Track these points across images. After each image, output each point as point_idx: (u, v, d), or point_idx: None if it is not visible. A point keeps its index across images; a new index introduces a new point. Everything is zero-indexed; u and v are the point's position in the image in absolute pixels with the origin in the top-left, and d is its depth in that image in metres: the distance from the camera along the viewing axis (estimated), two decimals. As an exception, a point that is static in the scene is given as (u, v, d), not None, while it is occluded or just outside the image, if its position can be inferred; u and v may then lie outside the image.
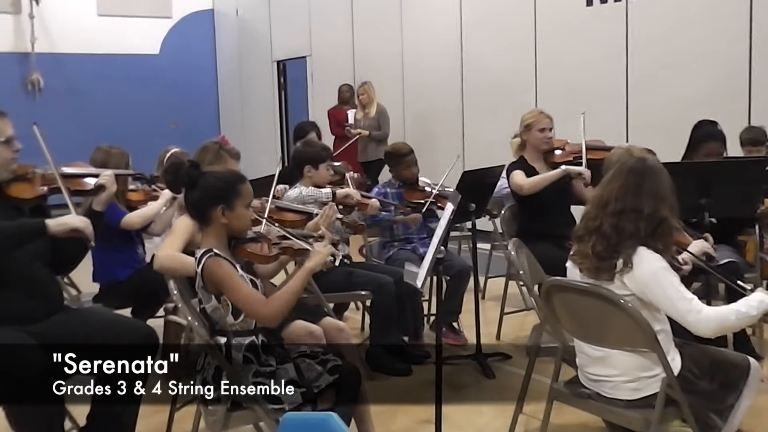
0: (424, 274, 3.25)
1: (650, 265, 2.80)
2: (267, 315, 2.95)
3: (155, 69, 13.56)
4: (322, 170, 4.76)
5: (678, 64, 7.21)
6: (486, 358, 4.72)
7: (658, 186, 2.89)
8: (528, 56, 8.57)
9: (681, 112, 6.79)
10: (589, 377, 3.04)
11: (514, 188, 4.95)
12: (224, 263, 2.93)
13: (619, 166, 2.98)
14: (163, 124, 13.37)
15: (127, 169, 4.60)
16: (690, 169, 4.49)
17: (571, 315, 3.07)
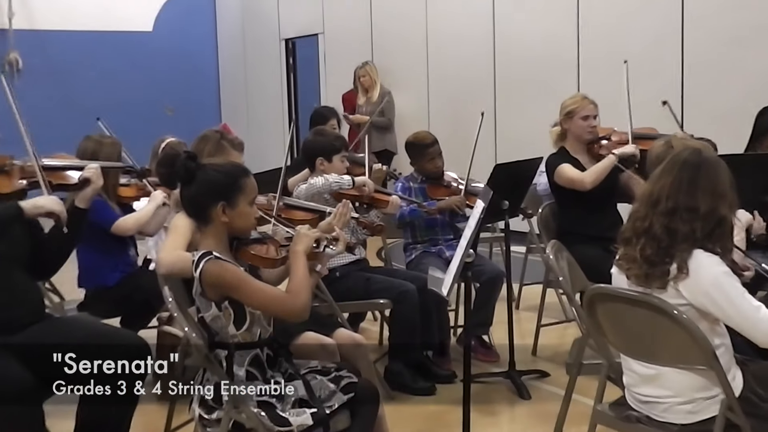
0: (450, 280, 3.25)
1: (710, 270, 2.78)
2: (299, 307, 2.96)
3: (148, 48, 13.63)
4: (336, 162, 4.77)
5: (741, 41, 7.16)
6: (521, 376, 4.72)
7: (716, 181, 2.87)
8: (569, 33, 8.54)
9: (744, 97, 6.74)
10: (638, 398, 3.03)
11: (568, 184, 4.93)
12: (228, 266, 2.95)
13: (671, 158, 2.96)
14: (157, 111, 13.44)
15: (119, 161, 4.63)
16: (753, 161, 4.47)
17: (618, 327, 3.06)
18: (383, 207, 4.88)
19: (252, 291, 2.95)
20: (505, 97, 9.37)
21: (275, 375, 3.05)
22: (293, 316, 3.00)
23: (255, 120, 13.35)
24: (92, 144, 4.58)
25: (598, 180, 4.84)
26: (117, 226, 4.49)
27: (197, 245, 3.08)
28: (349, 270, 4.68)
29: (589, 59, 8.39)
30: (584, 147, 5.07)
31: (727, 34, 7.26)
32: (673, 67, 7.62)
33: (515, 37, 9.14)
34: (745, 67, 7.14)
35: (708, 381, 2.85)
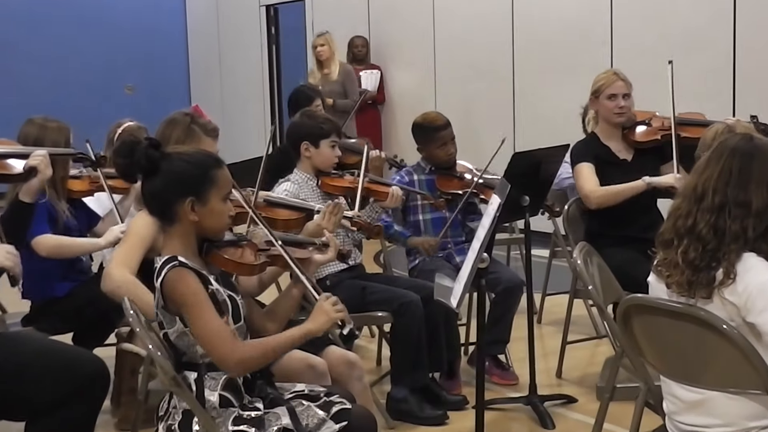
0: (461, 290, 3.26)
1: (759, 275, 2.79)
2: (229, 362, 2.95)
3: (104, 14, 13.64)
4: (324, 149, 4.77)
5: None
6: (543, 402, 4.73)
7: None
8: (602, 4, 8.55)
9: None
10: (680, 427, 3.04)
11: (579, 191, 4.96)
12: (189, 277, 2.94)
13: (717, 147, 2.96)
14: (116, 89, 13.47)
15: (67, 147, 4.63)
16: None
17: (658, 345, 3.07)
18: (382, 200, 4.88)
19: (199, 317, 2.92)
20: (525, 74, 9.38)
21: (254, 400, 3.06)
22: (223, 365, 2.97)
23: (231, 101, 13.36)
24: (35, 129, 4.56)
25: (609, 203, 4.87)
26: (37, 242, 4.38)
27: (162, 248, 3.08)
28: (342, 278, 4.69)
29: (624, 35, 8.39)
30: (618, 133, 5.08)
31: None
32: (724, 42, 7.61)
33: (537, 6, 9.15)
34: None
35: (763, 407, 2.85)
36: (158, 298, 2.98)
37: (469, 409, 4.67)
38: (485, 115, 9.57)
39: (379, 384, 4.96)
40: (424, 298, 4.58)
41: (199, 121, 4.11)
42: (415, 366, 4.68)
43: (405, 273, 5.45)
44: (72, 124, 4.77)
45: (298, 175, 4.76)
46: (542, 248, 6.52)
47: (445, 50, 10.24)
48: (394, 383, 4.73)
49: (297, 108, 6.18)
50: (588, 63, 8.06)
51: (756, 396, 2.84)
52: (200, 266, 3.02)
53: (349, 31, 10.87)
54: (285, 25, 12.91)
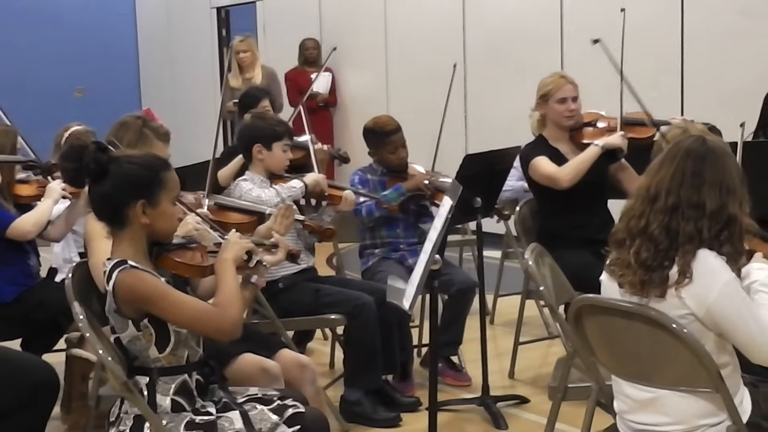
0: (413, 291, 3.25)
1: (719, 277, 2.81)
2: (228, 323, 2.96)
3: (53, 16, 13.49)
4: (276, 151, 4.75)
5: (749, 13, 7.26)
6: (496, 403, 4.75)
7: (724, 173, 2.89)
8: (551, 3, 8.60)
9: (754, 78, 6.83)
10: (632, 426, 3.06)
11: (543, 181, 4.96)
12: (145, 276, 2.93)
13: (671, 148, 2.98)
14: (64, 93, 13.32)
15: (14, 153, 4.58)
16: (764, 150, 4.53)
17: (609, 345, 3.08)
18: (336, 203, 4.87)
19: (173, 304, 2.93)
20: (476, 77, 9.41)
21: (207, 405, 3.04)
22: (222, 334, 3.00)
23: (182, 104, 13.28)
24: None
25: (578, 176, 4.85)
26: (14, 228, 4.42)
27: (111, 252, 3.05)
28: (295, 280, 4.67)
29: (574, 34, 8.44)
30: (565, 135, 5.10)
31: (733, 4, 7.35)
32: (672, 43, 7.70)
33: (488, 8, 9.18)
34: (753, 42, 7.23)
35: (713, 405, 2.88)
36: (110, 302, 2.96)
37: (422, 411, 4.67)
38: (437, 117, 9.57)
39: (333, 387, 4.94)
40: (377, 300, 4.58)
41: (151, 124, 4.08)
42: (368, 368, 4.67)
43: (358, 275, 5.44)
44: (21, 128, 4.72)
45: (250, 176, 4.74)
46: (494, 249, 6.55)
47: (397, 52, 10.25)
48: (347, 385, 4.73)
49: (245, 109, 6.16)
50: (538, 65, 8.07)
51: (706, 394, 2.87)
52: (150, 270, 2.99)
53: (301, 33, 10.84)
54: (236, 27, 12.85)
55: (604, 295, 3.06)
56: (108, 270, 2.95)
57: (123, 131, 3.98)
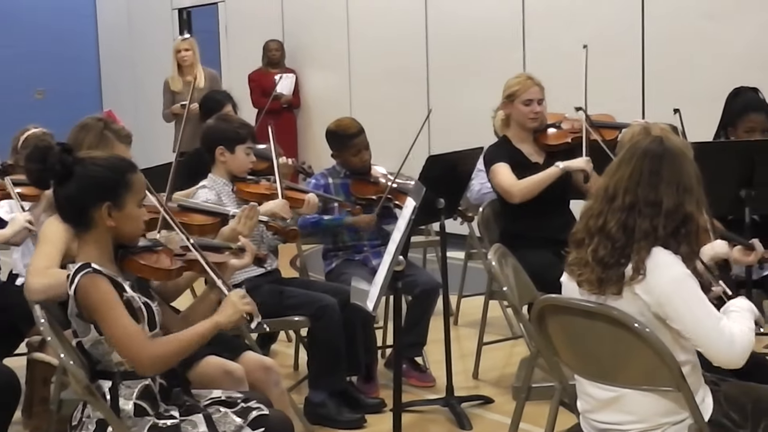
0: (377, 293, 3.26)
1: (671, 270, 2.84)
2: (142, 360, 2.91)
3: (13, 17, 13.36)
4: (239, 154, 4.73)
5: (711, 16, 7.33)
6: (460, 403, 4.76)
7: (681, 173, 2.93)
8: (514, 6, 8.63)
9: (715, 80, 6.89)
10: (595, 425, 3.08)
11: (499, 192, 4.99)
12: (102, 283, 2.91)
13: (629, 148, 3.01)
14: (24, 94, 13.19)
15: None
16: (725, 150, 4.57)
17: (572, 344, 3.10)
18: (298, 207, 4.87)
19: (110, 318, 2.89)
20: (440, 78, 9.43)
21: (170, 409, 3.02)
22: (135, 366, 2.94)
23: (144, 106, 13.17)
24: None
25: (531, 194, 4.86)
26: None
27: (75, 255, 3.04)
28: (259, 282, 4.65)
29: (536, 36, 8.49)
30: (529, 136, 5.12)
31: (694, 7, 7.42)
32: (634, 46, 7.75)
33: (451, 10, 9.20)
34: (714, 44, 7.30)
35: (675, 404, 2.90)
36: (72, 306, 2.95)
37: (386, 412, 4.67)
38: (400, 118, 9.59)
39: (297, 388, 4.94)
40: (341, 301, 4.58)
41: (113, 126, 4.05)
42: (332, 370, 4.67)
43: (322, 277, 5.44)
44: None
45: (212, 179, 4.72)
46: (458, 250, 6.57)
47: (360, 54, 10.25)
48: (311, 387, 4.72)
49: (207, 114, 6.11)
50: (501, 65, 8.13)
51: (668, 393, 2.89)
52: (115, 273, 2.99)
53: (264, 34, 10.82)
54: (198, 29, 12.78)
55: (564, 295, 3.08)
56: (71, 274, 2.93)
57: (84, 133, 3.96)
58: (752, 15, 7.10)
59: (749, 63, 6.92)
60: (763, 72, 6.62)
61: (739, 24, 7.16)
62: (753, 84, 4.97)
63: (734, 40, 7.16)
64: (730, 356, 2.83)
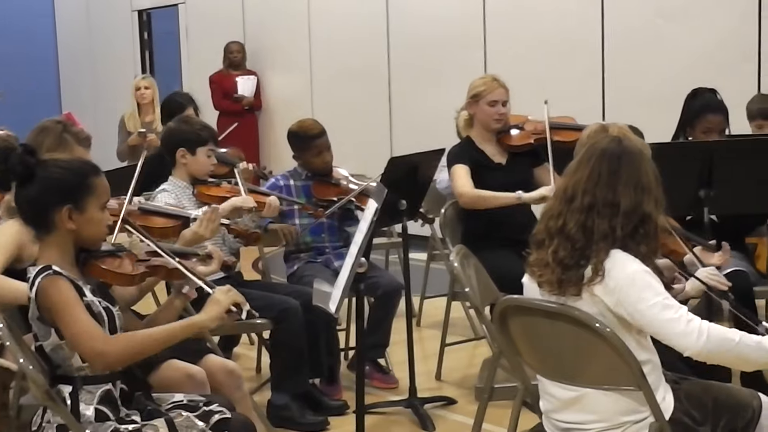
0: (339, 294, 3.26)
1: (626, 268, 2.86)
2: (102, 355, 2.88)
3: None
4: (201, 156, 4.72)
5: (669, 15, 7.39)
6: (423, 405, 4.77)
7: (640, 173, 2.95)
8: (475, 7, 8.66)
9: (674, 79, 6.96)
10: (557, 425, 3.09)
11: (453, 190, 5.02)
12: (63, 284, 2.89)
13: (587, 149, 3.03)
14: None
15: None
16: (684, 151, 4.62)
17: (534, 345, 3.12)
18: (260, 210, 4.86)
19: (70, 318, 2.87)
20: (401, 79, 9.44)
21: (131, 413, 3.01)
22: (95, 362, 2.91)
23: (103, 108, 13.07)
24: None
25: (478, 207, 4.92)
26: None
27: (36, 259, 3.02)
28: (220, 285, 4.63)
29: (498, 37, 8.52)
30: (493, 137, 5.15)
31: (653, 7, 7.48)
32: (593, 46, 7.81)
33: (412, 11, 9.22)
34: (672, 43, 7.37)
35: (636, 402, 2.92)
36: (33, 309, 2.92)
37: (350, 414, 4.68)
38: (362, 119, 9.60)
39: (260, 391, 4.93)
40: (303, 304, 4.57)
41: (72, 129, 4.03)
42: (295, 372, 4.66)
43: (284, 279, 5.43)
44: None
45: (173, 182, 4.70)
46: (420, 252, 6.58)
47: (322, 55, 10.25)
48: (274, 390, 4.71)
49: (169, 116, 6.10)
50: (462, 68, 8.16)
51: (629, 392, 2.91)
52: (76, 276, 2.97)
53: (225, 36, 10.79)
54: (158, 30, 12.74)
55: (526, 296, 3.10)
56: (32, 276, 2.91)
57: (43, 136, 3.93)
58: (711, 15, 7.17)
59: (708, 63, 6.99)
60: (722, 72, 6.71)
61: (698, 24, 7.23)
62: (712, 84, 5.02)
63: (694, 41, 7.23)
64: (690, 345, 2.81)
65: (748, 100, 5.81)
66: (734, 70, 6.91)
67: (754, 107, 5.71)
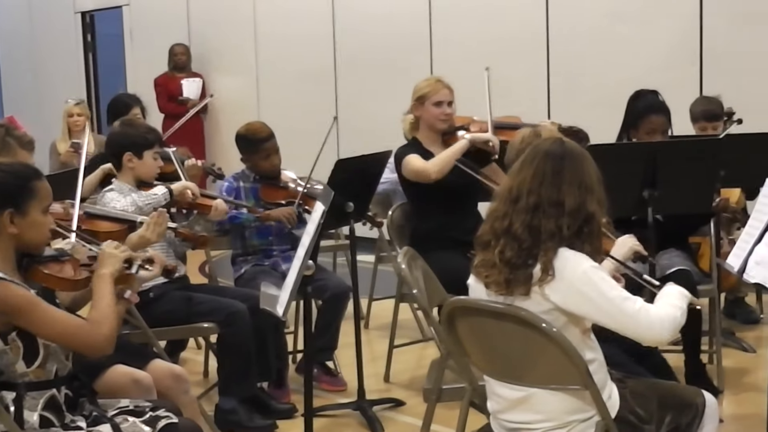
0: (287, 297, 3.25)
1: (578, 266, 2.89)
2: (101, 340, 2.91)
3: None
4: (147, 159, 4.69)
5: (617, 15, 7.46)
6: (372, 407, 4.77)
7: (583, 173, 2.98)
8: (421, 8, 8.69)
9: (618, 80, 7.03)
10: (505, 425, 3.11)
11: (415, 177, 5.02)
12: (14, 287, 2.87)
13: (530, 150, 3.06)
14: None
15: None
16: (628, 151, 4.67)
17: (482, 345, 3.13)
18: (206, 212, 4.83)
19: (44, 318, 2.88)
20: (348, 81, 9.45)
21: (76, 419, 2.99)
22: (94, 350, 2.96)
23: (46, 111, 12.92)
24: None
25: (446, 167, 4.92)
26: None
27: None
28: (167, 289, 4.60)
29: (444, 39, 8.56)
30: (439, 138, 5.17)
31: (597, 8, 7.56)
32: (539, 47, 7.87)
33: (359, 13, 9.23)
34: (618, 44, 7.44)
35: (582, 402, 2.95)
36: (-24, 315, 2.89)
37: (298, 417, 4.66)
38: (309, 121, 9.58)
39: (207, 396, 4.90)
40: (250, 307, 4.55)
41: (15, 133, 3.99)
42: (243, 376, 4.65)
43: (231, 283, 5.41)
44: None
45: (118, 186, 4.66)
46: (368, 254, 6.58)
47: (268, 57, 10.22)
48: (222, 394, 4.69)
49: (115, 116, 6.05)
50: (408, 69, 8.18)
51: (575, 391, 2.94)
52: (20, 281, 2.94)
53: (169, 38, 10.73)
54: (102, 33, 12.63)
55: (474, 297, 3.11)
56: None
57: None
58: (655, 19, 7.26)
59: (652, 65, 7.08)
60: (665, 74, 6.79)
61: (641, 27, 7.32)
62: (656, 86, 5.08)
63: (638, 43, 7.32)
64: (655, 335, 2.88)
65: (691, 101, 5.91)
66: (677, 73, 7.01)
67: (697, 109, 5.81)
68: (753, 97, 6.50)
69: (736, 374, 5.13)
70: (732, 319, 6.08)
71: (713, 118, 5.74)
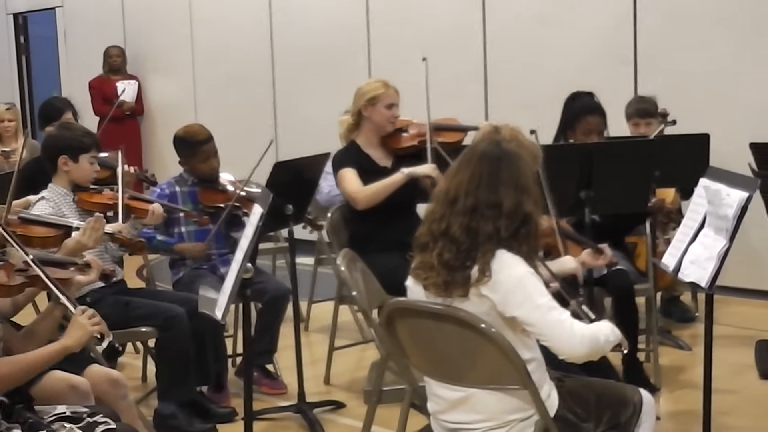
0: (226, 300, 3.24)
1: (514, 269, 2.91)
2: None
3: None
4: (83, 163, 4.64)
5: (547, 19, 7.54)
6: (312, 409, 4.77)
7: (519, 174, 3.01)
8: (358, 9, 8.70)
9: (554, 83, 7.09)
10: (445, 426, 3.12)
11: (344, 195, 5.05)
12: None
13: (466, 152, 3.08)
14: None
15: None
16: (565, 152, 4.72)
17: (421, 347, 3.15)
18: (142, 217, 4.79)
19: None
20: (286, 82, 9.43)
21: (12, 427, 2.95)
22: None
23: (-21, 113, 12.79)
24: None
25: (376, 200, 4.96)
26: None
27: None
28: (104, 294, 4.56)
29: (381, 41, 8.57)
30: (378, 141, 5.18)
31: (532, 11, 7.62)
32: (475, 49, 7.92)
33: (296, 15, 9.22)
34: (553, 48, 7.52)
35: (521, 401, 2.98)
36: None
37: (238, 421, 4.65)
38: (247, 124, 9.56)
39: (146, 401, 4.86)
40: (189, 311, 4.53)
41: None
42: (182, 380, 4.62)
43: (169, 286, 5.37)
44: None
45: (53, 190, 4.60)
46: (307, 256, 6.58)
47: (204, 59, 10.17)
48: (161, 399, 4.66)
49: (46, 121, 5.97)
50: (346, 71, 8.19)
51: (514, 391, 2.96)
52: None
53: (104, 40, 10.63)
54: (35, 34, 12.48)
55: (413, 299, 3.12)
56: None
57: None
58: (589, 20, 7.33)
59: (587, 67, 7.15)
60: (600, 75, 6.87)
61: (576, 29, 7.39)
62: (591, 87, 5.14)
63: (573, 45, 7.39)
64: (573, 349, 2.89)
65: (626, 102, 5.99)
66: (612, 74, 7.09)
67: (631, 108, 5.91)
68: (687, 98, 6.60)
69: (672, 372, 5.21)
70: (668, 317, 6.17)
71: (646, 114, 5.84)
